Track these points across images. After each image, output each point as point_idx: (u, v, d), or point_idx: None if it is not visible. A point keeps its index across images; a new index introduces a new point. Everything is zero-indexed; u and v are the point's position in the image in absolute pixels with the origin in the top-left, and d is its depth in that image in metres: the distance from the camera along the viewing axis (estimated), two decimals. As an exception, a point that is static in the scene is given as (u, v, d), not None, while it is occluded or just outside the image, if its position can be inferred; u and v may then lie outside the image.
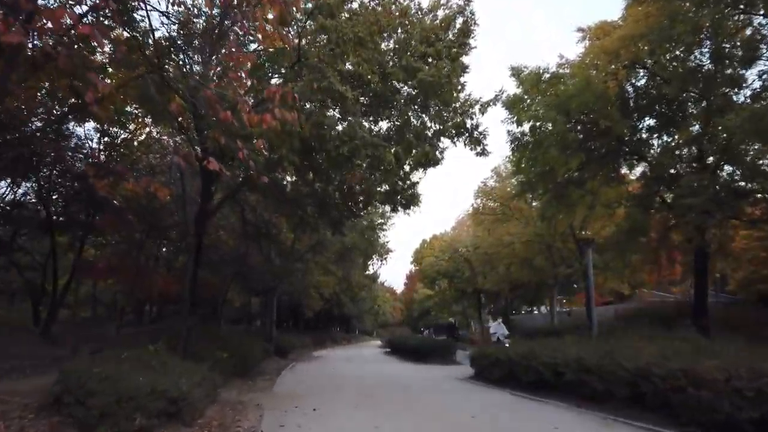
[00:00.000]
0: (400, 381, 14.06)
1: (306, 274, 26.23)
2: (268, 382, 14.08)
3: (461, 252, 40.47)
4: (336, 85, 8.21)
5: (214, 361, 11.65)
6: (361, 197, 15.37)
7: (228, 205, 17.23)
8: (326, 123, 8.84)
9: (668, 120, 15.87)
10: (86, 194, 18.30)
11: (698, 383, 6.22)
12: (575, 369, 8.91)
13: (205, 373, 9.17)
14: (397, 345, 28.10)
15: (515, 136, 16.81)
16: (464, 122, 10.37)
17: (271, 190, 13.86)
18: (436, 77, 9.29)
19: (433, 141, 11.01)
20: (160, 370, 7.85)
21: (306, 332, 41.28)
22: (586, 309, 25.41)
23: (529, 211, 29.27)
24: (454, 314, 57.97)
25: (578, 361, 8.89)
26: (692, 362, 6.66)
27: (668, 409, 6.79)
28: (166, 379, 7.17)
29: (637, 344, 8.49)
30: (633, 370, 7.42)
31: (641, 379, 7.24)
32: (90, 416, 6.00)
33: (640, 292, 34.55)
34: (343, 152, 8.94)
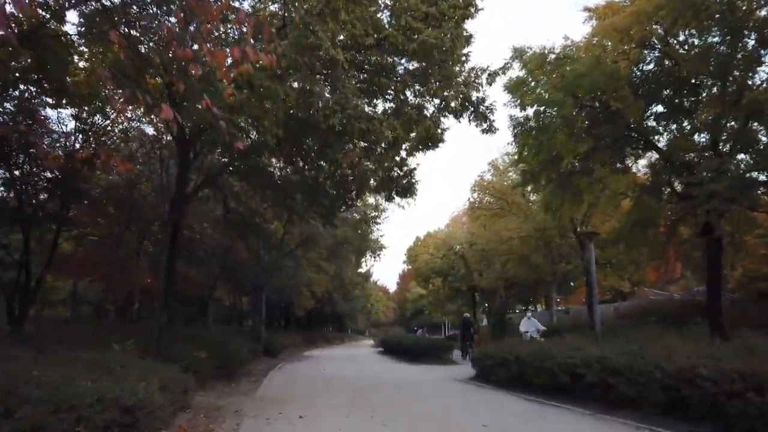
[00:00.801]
0: (396, 383, 12.97)
1: (297, 271, 25.05)
2: (252, 385, 12.95)
3: (456, 249, 39.46)
4: (326, 43, 7.10)
5: (191, 361, 10.51)
6: (353, 186, 14.29)
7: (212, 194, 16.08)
8: (314, 91, 7.73)
9: (677, 107, 14.93)
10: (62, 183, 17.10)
11: (761, 388, 5.18)
12: (597, 370, 7.86)
13: (177, 376, 8.04)
14: (391, 344, 27.00)
15: (518, 121, 15.74)
16: (469, 95, 9.31)
17: (256, 175, 12.75)
18: (439, 40, 8.19)
19: (435, 116, 9.92)
20: (120, 373, 6.71)
21: (297, 331, 40.12)
22: (587, 307, 24.52)
23: (527, 206, 28.34)
24: (447, 313, 56.98)
25: (601, 362, 7.83)
26: (749, 363, 5.61)
27: (718, 418, 5.74)
28: (122, 383, 6.04)
29: (671, 343, 7.43)
30: (673, 372, 6.36)
31: (683, 382, 6.18)
32: (19, 430, 4.85)
33: (640, 290, 33.72)
34: (333, 125, 7.84)
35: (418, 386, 12.07)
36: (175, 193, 10.69)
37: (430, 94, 9.35)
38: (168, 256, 10.20)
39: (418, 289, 66.77)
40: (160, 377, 7.35)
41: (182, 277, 23.67)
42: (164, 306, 10.12)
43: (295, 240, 22.81)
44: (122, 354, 8.69)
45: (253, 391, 11.68)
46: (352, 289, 44.60)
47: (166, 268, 10.19)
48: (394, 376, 14.93)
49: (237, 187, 14.51)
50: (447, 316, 61.77)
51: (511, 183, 28.38)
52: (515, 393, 10.03)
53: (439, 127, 10.10)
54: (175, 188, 10.74)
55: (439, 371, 16.51)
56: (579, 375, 8.33)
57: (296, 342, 34.02)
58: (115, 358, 8.14)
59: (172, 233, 10.31)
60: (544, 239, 26.95)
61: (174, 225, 10.35)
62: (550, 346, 9.91)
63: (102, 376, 6.35)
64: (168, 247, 10.26)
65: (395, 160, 13.37)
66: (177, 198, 10.42)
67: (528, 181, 17.01)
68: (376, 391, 11.08)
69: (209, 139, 10.79)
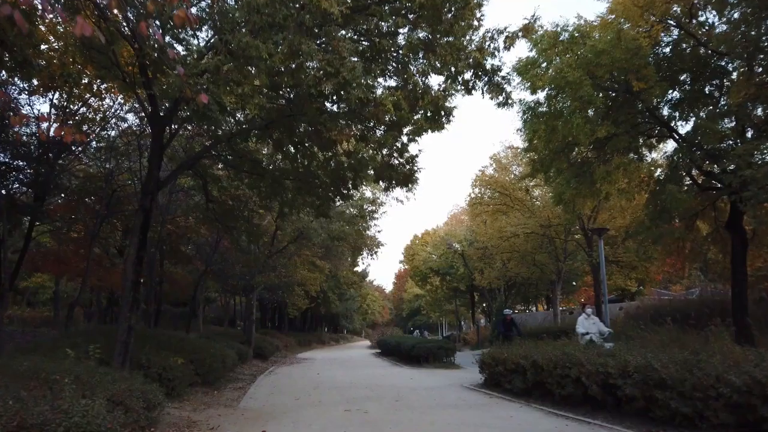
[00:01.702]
0: (398, 391, 11.72)
1: (290, 269, 23.74)
2: (237, 393, 11.67)
3: (456, 247, 38.29)
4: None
5: (164, 368, 9.23)
6: (350, 174, 13.03)
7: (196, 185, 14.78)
8: (302, 50, 6.48)
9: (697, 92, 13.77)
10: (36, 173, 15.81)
11: None
12: (638, 382, 6.62)
13: (139, 387, 6.75)
14: (388, 346, 25.72)
15: (528, 105, 14.51)
16: (482, 62, 8.07)
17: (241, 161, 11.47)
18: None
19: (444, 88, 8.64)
20: (61, 386, 5.43)
21: (291, 333, 38.82)
22: (595, 307, 23.35)
23: (530, 201, 27.19)
24: (446, 313, 55.83)
25: (643, 371, 6.59)
26: None
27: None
28: (56, 402, 4.78)
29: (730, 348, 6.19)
30: (745, 387, 5.13)
31: (761, 399, 4.96)
32: None
33: (647, 289, 32.62)
34: (324, 90, 6.60)
35: (421, 396, 10.81)
36: (146, 176, 9.41)
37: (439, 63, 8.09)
38: (137, 246, 8.90)
39: (414, 289, 65.63)
40: (116, 391, 6.09)
41: (168, 276, 22.42)
42: (131, 304, 8.82)
43: (287, 236, 21.52)
44: (76, 362, 7.41)
45: (236, 401, 10.41)
46: (347, 288, 43.31)
47: (133, 259, 8.88)
48: (393, 383, 13.67)
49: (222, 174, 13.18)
50: (445, 317, 60.69)
51: (513, 178, 27.26)
52: (535, 405, 8.79)
53: (448, 100, 8.85)
54: (147, 171, 9.45)
55: (443, 376, 15.26)
56: (613, 386, 7.10)
57: (289, 344, 32.74)
58: (68, 366, 6.88)
59: (143, 221, 9.01)
60: (548, 236, 25.82)
61: (145, 212, 9.05)
62: (573, 351, 8.67)
63: (34, 391, 5.10)
64: (137, 236, 8.96)
65: (395, 146, 12.17)
66: (148, 182, 9.13)
67: (538, 171, 15.77)
68: (375, 402, 9.82)
69: (187, 116, 9.51)
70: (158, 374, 9.09)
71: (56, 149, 16.10)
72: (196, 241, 19.35)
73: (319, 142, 11.40)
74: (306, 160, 12.63)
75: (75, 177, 17.85)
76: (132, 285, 8.95)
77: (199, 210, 14.39)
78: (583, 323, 12.24)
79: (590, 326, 12.13)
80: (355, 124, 10.32)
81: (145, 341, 11.08)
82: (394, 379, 14.77)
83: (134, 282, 8.96)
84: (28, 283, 34.98)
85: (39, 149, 15.22)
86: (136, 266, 8.98)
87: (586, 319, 12.34)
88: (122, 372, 8.17)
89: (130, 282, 8.99)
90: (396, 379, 14.99)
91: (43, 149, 15.42)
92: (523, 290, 38.80)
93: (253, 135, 11.89)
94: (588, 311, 12.91)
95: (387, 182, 13.01)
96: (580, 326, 12.16)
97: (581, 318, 12.51)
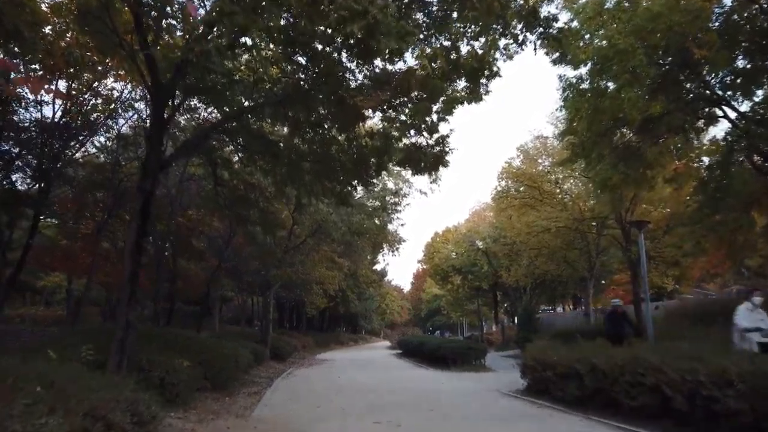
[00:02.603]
0: (429, 397, 10.46)
1: (308, 266, 22.59)
2: (251, 399, 10.51)
3: (479, 245, 36.84)
4: None
5: (166, 371, 8.10)
6: (373, 157, 11.81)
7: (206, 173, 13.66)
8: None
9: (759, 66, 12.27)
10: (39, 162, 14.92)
11: None
12: (745, 394, 5.28)
13: (129, 396, 5.60)
14: (411, 346, 24.43)
15: (569, 82, 13.16)
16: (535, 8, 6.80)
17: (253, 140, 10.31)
18: None
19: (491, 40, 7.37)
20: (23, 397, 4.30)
21: (309, 333, 37.74)
22: (633, 306, 21.79)
23: (561, 194, 25.70)
24: (467, 314, 54.31)
25: (750, 380, 5.25)
26: None
27: None
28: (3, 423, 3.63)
29: None
30: None
31: None
32: None
33: (684, 287, 30.84)
34: (351, 32, 5.39)
35: (458, 403, 9.53)
36: (146, 154, 8.31)
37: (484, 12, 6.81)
38: (136, 232, 7.78)
39: (433, 288, 64.20)
40: (98, 402, 4.94)
41: (182, 273, 21.44)
42: (129, 299, 7.70)
43: (305, 231, 20.36)
44: (60, 364, 6.30)
45: (249, 408, 9.25)
46: (367, 287, 42.08)
47: (132, 247, 7.76)
48: (422, 387, 12.42)
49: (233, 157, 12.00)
50: (466, 317, 59.15)
51: (542, 170, 25.79)
52: (596, 417, 7.44)
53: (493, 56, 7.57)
54: (147, 148, 8.36)
55: (475, 380, 13.95)
56: (708, 398, 5.75)
57: (307, 344, 31.63)
58: (47, 370, 5.77)
59: (142, 205, 7.89)
60: (580, 231, 24.31)
61: (144, 195, 7.92)
62: (645, 354, 7.32)
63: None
64: (137, 221, 7.84)
65: (425, 123, 10.95)
66: (149, 160, 8.01)
67: (578, 156, 14.34)
68: (407, 411, 8.58)
69: (191, 85, 8.38)
70: (160, 378, 7.97)
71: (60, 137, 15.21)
72: (207, 233, 18.30)
73: (341, 117, 10.21)
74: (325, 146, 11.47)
75: (81, 167, 16.95)
76: (130, 276, 7.83)
77: (208, 198, 13.16)
78: (746, 315, 8.51)
79: (758, 320, 8.37)
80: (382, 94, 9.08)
81: (149, 341, 10.01)
82: (423, 383, 13.51)
83: (133, 273, 7.84)
84: (45, 282, 34.52)
85: (42, 136, 14.29)
86: (134, 255, 7.86)
87: (751, 311, 8.53)
88: (117, 376, 7.06)
89: (128, 273, 7.88)
90: (424, 382, 13.73)
91: (46, 136, 14.50)
92: (549, 289, 37.17)
93: (268, 112, 10.76)
94: (756, 300, 8.68)
95: (414, 166, 11.80)
96: (743, 319, 8.49)
97: (743, 309, 8.71)
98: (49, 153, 14.94)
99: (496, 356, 23.88)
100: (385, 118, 11.12)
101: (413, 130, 11.15)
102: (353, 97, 8.09)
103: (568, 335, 23.76)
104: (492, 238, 35.38)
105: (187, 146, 9.31)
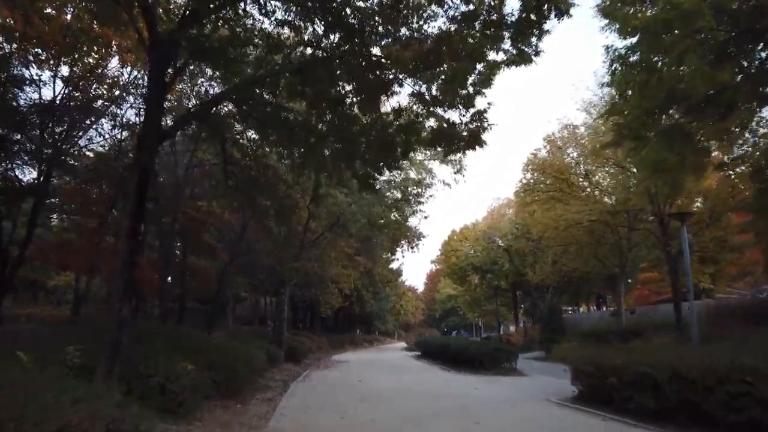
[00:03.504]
0: (469, 405, 9.18)
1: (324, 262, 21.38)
2: (265, 407, 9.29)
3: (499, 242, 35.46)
4: None
5: (167, 377, 6.91)
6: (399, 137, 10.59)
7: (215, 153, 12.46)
8: None
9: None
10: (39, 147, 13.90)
11: None
12: None
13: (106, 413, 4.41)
14: (432, 348, 23.08)
15: (618, 53, 11.80)
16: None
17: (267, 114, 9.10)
18: None
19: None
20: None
21: (323, 333, 36.54)
22: (673, 304, 20.28)
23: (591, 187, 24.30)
24: (484, 314, 52.80)
25: None
26: None
27: None
28: None
29: None
30: None
31: None
32: None
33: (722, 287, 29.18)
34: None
35: (505, 415, 8.22)
36: (143, 122, 7.15)
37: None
38: (132, 214, 6.61)
39: (448, 289, 62.79)
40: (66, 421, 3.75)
41: (192, 269, 20.36)
42: (124, 292, 6.53)
43: (322, 224, 19.14)
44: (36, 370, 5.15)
45: (264, 419, 8.02)
46: (383, 286, 40.78)
47: (129, 231, 6.59)
48: (455, 393, 11.13)
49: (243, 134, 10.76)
50: (483, 317, 57.59)
51: (571, 160, 24.39)
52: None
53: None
54: (144, 115, 7.20)
55: (512, 386, 12.61)
56: None
57: (322, 345, 30.42)
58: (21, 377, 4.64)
59: (139, 182, 6.71)
60: (612, 225, 22.88)
61: (141, 170, 6.76)
62: (742, 358, 5.99)
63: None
64: (133, 201, 6.67)
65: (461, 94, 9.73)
66: (146, 130, 6.83)
67: (624, 137, 12.92)
68: (446, 424, 7.32)
69: (197, 47, 7.19)
70: (160, 385, 6.79)
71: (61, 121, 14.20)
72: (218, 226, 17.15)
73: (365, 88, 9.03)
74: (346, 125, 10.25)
75: (84, 156, 15.93)
76: (125, 266, 6.66)
77: (217, 184, 11.88)
78: None
79: None
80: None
81: (152, 341, 8.88)
82: (453, 388, 12.21)
83: (128, 263, 6.66)
84: (56, 281, 33.77)
85: (40, 118, 13.24)
86: (130, 240, 6.69)
87: None
88: (107, 383, 5.90)
89: (124, 262, 6.71)
90: (455, 387, 12.42)
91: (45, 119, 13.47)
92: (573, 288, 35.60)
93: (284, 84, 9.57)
94: None
95: (446, 146, 10.57)
96: None
97: None
98: (49, 138, 13.94)
99: (520, 358, 22.47)
100: (415, 94, 9.93)
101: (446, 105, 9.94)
102: (378, 63, 6.84)
103: (599, 336, 22.40)
104: (513, 235, 33.99)
105: (193, 116, 8.13)
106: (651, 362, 7.22)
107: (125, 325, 6.50)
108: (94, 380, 6.24)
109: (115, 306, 6.58)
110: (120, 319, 6.46)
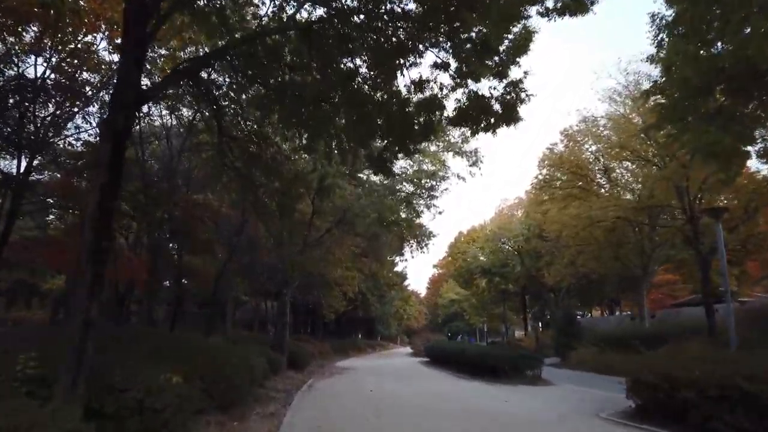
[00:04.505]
0: (508, 424, 7.82)
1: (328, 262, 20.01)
2: (267, 424, 7.93)
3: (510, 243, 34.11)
4: None
5: (147, 392, 5.55)
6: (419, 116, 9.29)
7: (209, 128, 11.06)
8: None
9: None
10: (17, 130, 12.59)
11: None
12: None
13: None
14: (443, 354, 21.63)
15: (665, 22, 10.50)
16: None
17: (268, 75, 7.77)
18: None
19: None
20: None
21: (325, 338, 35.12)
22: (705, 307, 18.88)
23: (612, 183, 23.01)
24: (491, 318, 51.35)
25: None
26: None
27: None
28: None
29: None
30: None
31: None
32: None
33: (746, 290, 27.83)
34: None
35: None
36: (118, 77, 5.82)
37: None
38: (100, 190, 5.26)
39: (450, 293, 61.42)
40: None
41: (188, 269, 19.00)
42: (91, 287, 5.17)
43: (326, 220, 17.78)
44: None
45: (266, 440, 6.67)
46: (388, 289, 39.33)
47: (94, 212, 5.24)
48: (484, 408, 9.73)
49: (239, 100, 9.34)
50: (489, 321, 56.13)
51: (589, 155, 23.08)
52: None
53: None
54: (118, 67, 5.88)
55: (544, 397, 11.22)
56: None
57: (324, 350, 29.00)
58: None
59: (112, 152, 5.37)
60: (634, 223, 21.58)
61: (115, 137, 5.41)
62: None
63: None
64: (103, 175, 5.32)
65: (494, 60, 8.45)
66: (121, 86, 5.49)
67: (667, 119, 11.57)
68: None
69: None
70: (138, 402, 5.44)
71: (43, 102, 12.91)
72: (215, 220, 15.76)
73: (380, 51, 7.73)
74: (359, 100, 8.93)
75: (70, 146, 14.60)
76: (90, 255, 5.30)
77: (213, 163, 10.44)
78: None
79: None
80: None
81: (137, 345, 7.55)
82: (481, 400, 10.82)
83: (93, 251, 5.30)
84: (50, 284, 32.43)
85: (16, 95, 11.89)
86: (97, 223, 5.33)
87: None
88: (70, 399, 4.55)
89: (87, 250, 5.34)
90: (482, 399, 11.03)
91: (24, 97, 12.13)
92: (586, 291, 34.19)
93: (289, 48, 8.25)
94: None
95: (474, 124, 9.23)
96: None
97: None
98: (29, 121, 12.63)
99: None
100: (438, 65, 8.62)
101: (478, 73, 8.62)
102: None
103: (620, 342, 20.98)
104: (524, 236, 32.66)
105: (177, 74, 6.78)
106: (746, 375, 5.85)
107: (90, 327, 5.14)
108: (53, 397, 4.91)
109: (79, 303, 5.20)
110: (83, 321, 5.11)
